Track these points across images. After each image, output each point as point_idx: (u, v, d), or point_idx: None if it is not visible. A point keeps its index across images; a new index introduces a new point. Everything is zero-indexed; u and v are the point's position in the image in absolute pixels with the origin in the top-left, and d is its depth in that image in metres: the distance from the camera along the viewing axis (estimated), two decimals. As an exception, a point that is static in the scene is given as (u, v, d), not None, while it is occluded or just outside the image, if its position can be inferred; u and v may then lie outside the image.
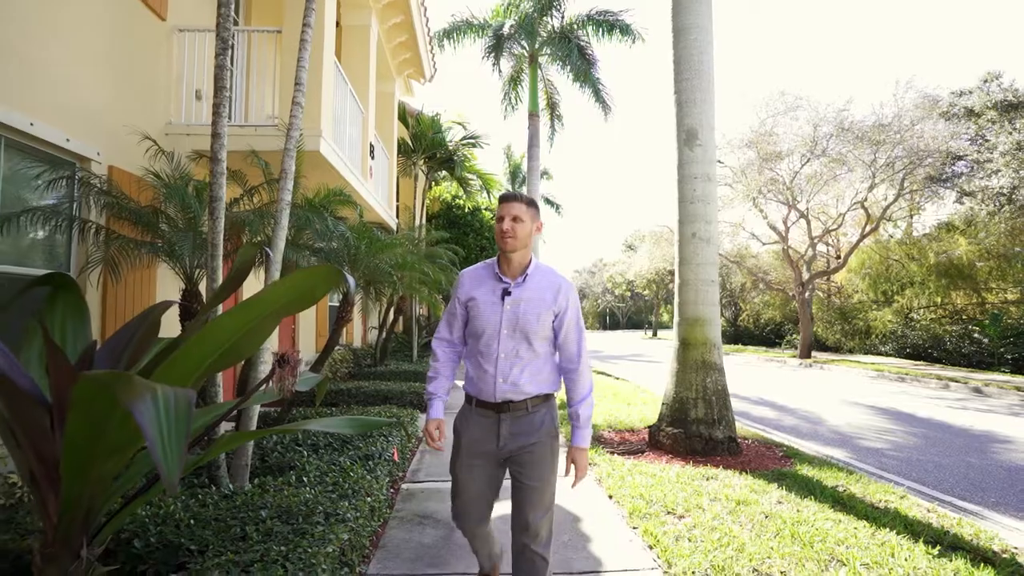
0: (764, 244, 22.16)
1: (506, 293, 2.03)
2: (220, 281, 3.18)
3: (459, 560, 2.87)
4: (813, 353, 19.89)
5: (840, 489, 4.18)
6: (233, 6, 3.27)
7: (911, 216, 20.00)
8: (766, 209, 19.73)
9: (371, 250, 4.93)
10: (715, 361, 5.14)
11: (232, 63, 7.02)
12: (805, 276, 19.10)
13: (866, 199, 17.40)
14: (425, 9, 9.77)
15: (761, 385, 11.98)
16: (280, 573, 1.97)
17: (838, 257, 21.44)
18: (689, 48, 5.34)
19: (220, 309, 3.18)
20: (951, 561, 2.88)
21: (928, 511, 3.77)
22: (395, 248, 5.44)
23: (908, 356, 18.66)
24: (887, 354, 19.73)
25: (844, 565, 2.86)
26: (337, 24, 7.52)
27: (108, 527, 2.04)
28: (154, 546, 2.22)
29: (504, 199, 2.08)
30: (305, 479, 3.13)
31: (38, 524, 2.19)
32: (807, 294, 19.14)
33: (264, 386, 2.00)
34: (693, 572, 2.74)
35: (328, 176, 6.18)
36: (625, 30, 17.02)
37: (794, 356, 19.58)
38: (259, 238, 4.14)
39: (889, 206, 17.18)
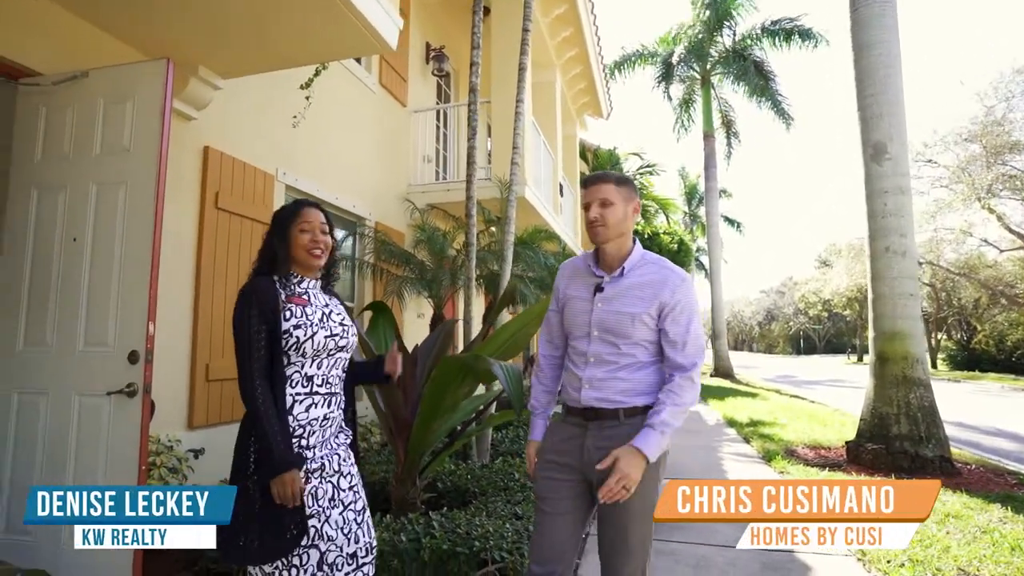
0: (1002, 251, 18.80)
1: (598, 289, 1.72)
2: (472, 304, 4.25)
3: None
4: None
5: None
6: (473, 99, 4.41)
7: None
8: (1001, 209, 16.84)
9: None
10: (919, 376, 4.99)
11: (447, 128, 8.63)
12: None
13: None
14: (602, 56, 10.71)
15: (1000, 415, 10.34)
16: (539, 508, 2.79)
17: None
18: (873, 64, 5.37)
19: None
20: None
21: None
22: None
23: None
24: None
25: (1071, 577, 2.82)
26: (527, 84, 8.80)
27: (429, 468, 3.06)
28: (449, 488, 3.23)
29: (589, 181, 1.76)
30: (535, 458, 3.99)
31: (391, 462, 3.27)
32: (1069, 309, 15.78)
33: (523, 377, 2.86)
34: (888, 560, 2.97)
35: (530, 215, 7.28)
36: (805, 35, 16.24)
37: (1055, 385, 16.17)
38: (486, 271, 5.26)
39: None
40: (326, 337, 1.74)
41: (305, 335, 1.70)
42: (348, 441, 1.85)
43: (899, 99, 5.28)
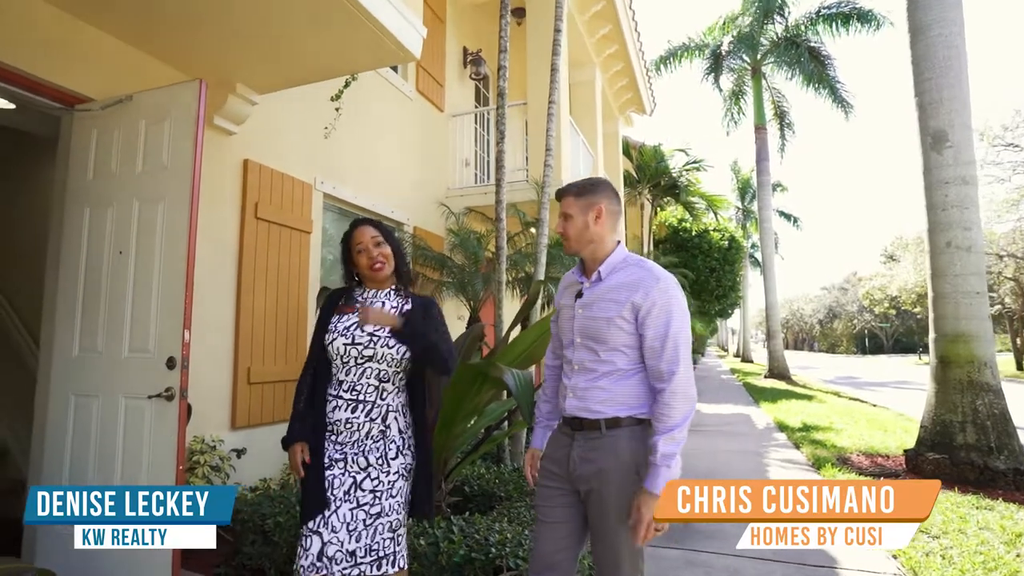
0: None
1: (579, 295, 1.74)
2: (504, 306, 4.26)
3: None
4: None
5: None
6: (501, 102, 4.41)
7: None
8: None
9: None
10: (987, 381, 4.62)
11: (486, 131, 8.68)
12: None
13: None
14: (643, 52, 10.50)
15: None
16: (564, 515, 2.76)
17: None
18: (931, 45, 5.02)
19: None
20: None
21: None
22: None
23: None
24: None
25: None
26: (566, 84, 8.70)
27: (454, 472, 3.08)
28: (476, 492, 3.24)
29: (556, 195, 1.82)
30: (567, 463, 3.96)
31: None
32: None
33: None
34: (942, 582, 2.77)
35: (566, 217, 7.23)
36: (865, 18, 15.37)
37: None
38: (522, 274, 5.25)
39: None
40: (346, 345, 1.85)
41: (328, 341, 1.87)
42: (390, 451, 1.86)
43: (961, 82, 4.92)
